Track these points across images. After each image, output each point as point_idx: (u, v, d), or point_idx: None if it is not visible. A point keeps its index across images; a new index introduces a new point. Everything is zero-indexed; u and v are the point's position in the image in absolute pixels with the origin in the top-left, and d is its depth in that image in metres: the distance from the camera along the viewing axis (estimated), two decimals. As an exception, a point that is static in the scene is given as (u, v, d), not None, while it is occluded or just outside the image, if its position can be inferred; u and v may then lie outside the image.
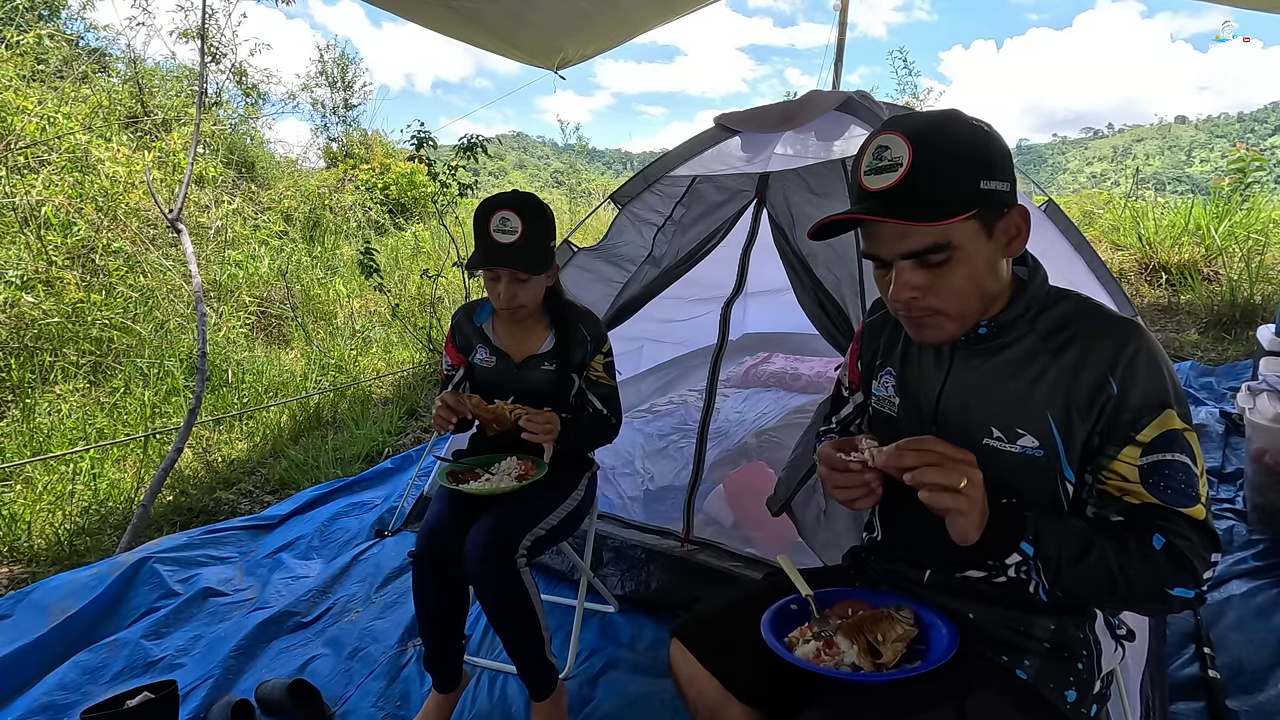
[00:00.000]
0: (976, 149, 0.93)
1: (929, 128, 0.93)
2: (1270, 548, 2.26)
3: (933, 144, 0.91)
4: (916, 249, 0.94)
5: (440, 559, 1.59)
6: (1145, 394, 0.92)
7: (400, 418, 4.09)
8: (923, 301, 0.97)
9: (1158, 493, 0.91)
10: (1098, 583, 0.89)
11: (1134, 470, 0.92)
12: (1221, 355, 4.39)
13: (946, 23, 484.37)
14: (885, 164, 0.93)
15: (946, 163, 0.91)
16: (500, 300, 1.68)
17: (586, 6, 3.13)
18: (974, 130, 0.94)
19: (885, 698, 0.94)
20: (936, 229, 0.92)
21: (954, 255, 0.93)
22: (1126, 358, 0.94)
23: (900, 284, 0.96)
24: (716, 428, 2.89)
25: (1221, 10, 3.27)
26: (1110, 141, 75.57)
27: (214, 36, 7.01)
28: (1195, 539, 0.89)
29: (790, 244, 2.05)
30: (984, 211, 0.93)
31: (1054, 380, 0.97)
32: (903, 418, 1.11)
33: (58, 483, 3.07)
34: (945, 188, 0.91)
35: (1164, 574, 0.88)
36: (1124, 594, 0.89)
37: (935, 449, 0.90)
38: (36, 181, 4.79)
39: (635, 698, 1.82)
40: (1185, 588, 0.88)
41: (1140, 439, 0.92)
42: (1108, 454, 0.94)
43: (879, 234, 0.96)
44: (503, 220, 1.63)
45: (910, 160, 0.91)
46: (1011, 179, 0.97)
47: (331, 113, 11.39)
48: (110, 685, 1.88)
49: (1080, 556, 0.89)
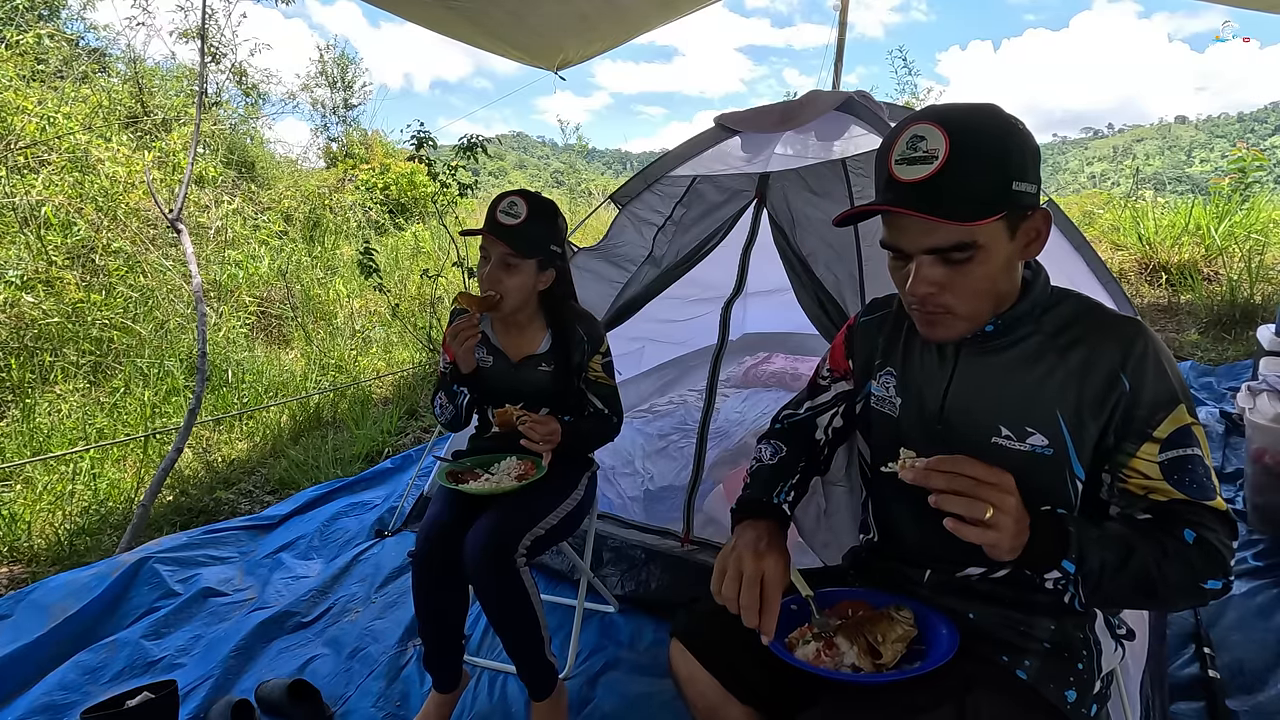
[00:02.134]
0: (1012, 149, 0.91)
1: (968, 121, 0.90)
2: (1270, 548, 2.26)
3: (970, 140, 0.88)
4: (941, 245, 0.92)
5: (440, 559, 1.59)
6: (1157, 391, 0.93)
7: (400, 418, 4.09)
8: (939, 298, 0.96)
9: (1183, 488, 0.92)
10: (1137, 587, 0.88)
11: (1155, 468, 0.93)
12: (1221, 355, 4.39)
13: (943, 23, 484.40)
14: (920, 155, 0.89)
15: (982, 161, 0.89)
16: (484, 280, 1.69)
17: (586, 8, 3.12)
18: (1011, 128, 0.92)
19: (885, 698, 0.94)
20: (965, 229, 0.90)
21: (977, 255, 0.92)
22: (1136, 355, 0.94)
23: (919, 279, 0.95)
24: (716, 428, 2.89)
25: (1218, 10, 3.26)
26: (1110, 141, 75.57)
27: (214, 36, 7.01)
28: (1220, 530, 0.91)
29: (790, 244, 2.05)
30: (1011, 213, 0.92)
31: (1063, 379, 0.97)
32: (904, 417, 1.11)
33: (58, 483, 3.07)
34: (979, 187, 0.89)
35: (1197, 569, 0.88)
36: (1162, 594, 0.89)
37: (966, 472, 0.85)
38: (36, 181, 4.79)
39: (635, 698, 1.82)
40: (1216, 579, 0.89)
41: (1157, 435, 0.93)
42: (1125, 451, 0.95)
43: (903, 226, 0.94)
44: (511, 204, 1.67)
45: (947, 154, 0.88)
46: (1039, 181, 0.95)
47: (331, 113, 11.40)
48: (110, 685, 1.88)
49: (1121, 565, 0.87)
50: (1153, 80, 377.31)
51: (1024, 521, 0.85)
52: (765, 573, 0.98)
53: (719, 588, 1.00)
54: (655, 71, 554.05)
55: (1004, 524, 0.83)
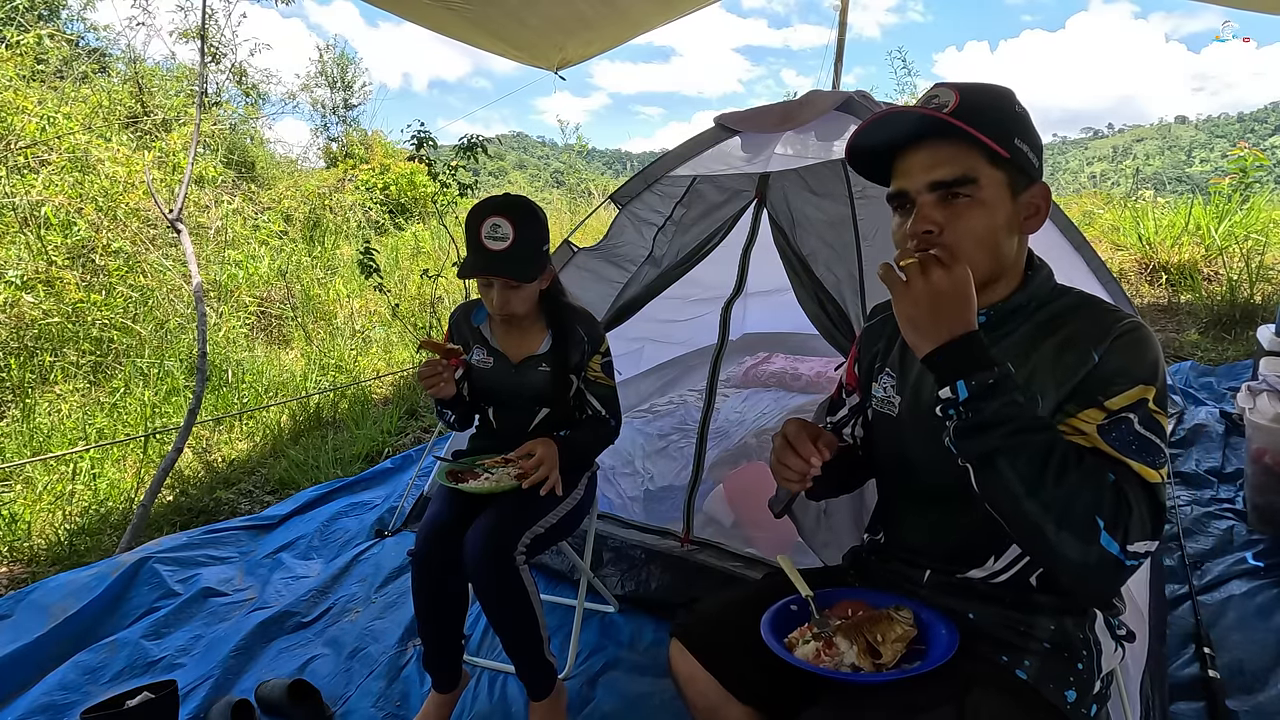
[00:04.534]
0: (1014, 113, 0.99)
1: (979, 87, 0.99)
2: (1270, 548, 2.26)
3: (978, 97, 0.97)
4: (945, 178, 0.96)
5: (439, 559, 1.59)
6: (1122, 368, 0.92)
7: (400, 418, 4.09)
8: (938, 238, 0.96)
9: (1113, 443, 0.89)
10: (1022, 469, 0.84)
11: (1092, 427, 0.91)
12: (1221, 355, 4.39)
13: (940, 24, 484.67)
14: (935, 103, 0.98)
15: (990, 111, 0.97)
16: (494, 307, 1.69)
17: (586, 8, 3.12)
18: (1016, 103, 1.01)
19: (885, 698, 0.94)
20: (968, 160, 0.95)
21: (978, 195, 0.96)
22: (1114, 334, 0.94)
23: (920, 217, 0.97)
24: (716, 428, 2.88)
25: (1215, 11, 3.26)
26: (1110, 141, 75.52)
27: (214, 36, 7.01)
28: (1143, 500, 0.86)
29: (790, 244, 2.05)
30: (1013, 169, 0.97)
31: (1051, 361, 0.97)
32: (904, 416, 1.12)
33: (58, 483, 3.07)
34: (987, 123, 0.95)
35: (1102, 504, 0.83)
36: (1048, 500, 0.83)
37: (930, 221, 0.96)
38: (36, 181, 4.80)
39: (635, 698, 1.82)
40: (1114, 539, 0.82)
41: (1108, 405, 0.91)
42: (1067, 411, 0.93)
43: (909, 166, 1.00)
44: (494, 226, 1.61)
45: (957, 101, 0.96)
46: (1040, 155, 1.01)
47: (331, 113, 11.41)
48: (110, 685, 1.88)
49: (1019, 430, 0.84)
50: (1150, 80, 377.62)
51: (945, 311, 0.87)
52: (809, 430, 1.04)
53: (778, 470, 1.05)
54: (653, 72, 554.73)
55: (918, 288, 0.89)
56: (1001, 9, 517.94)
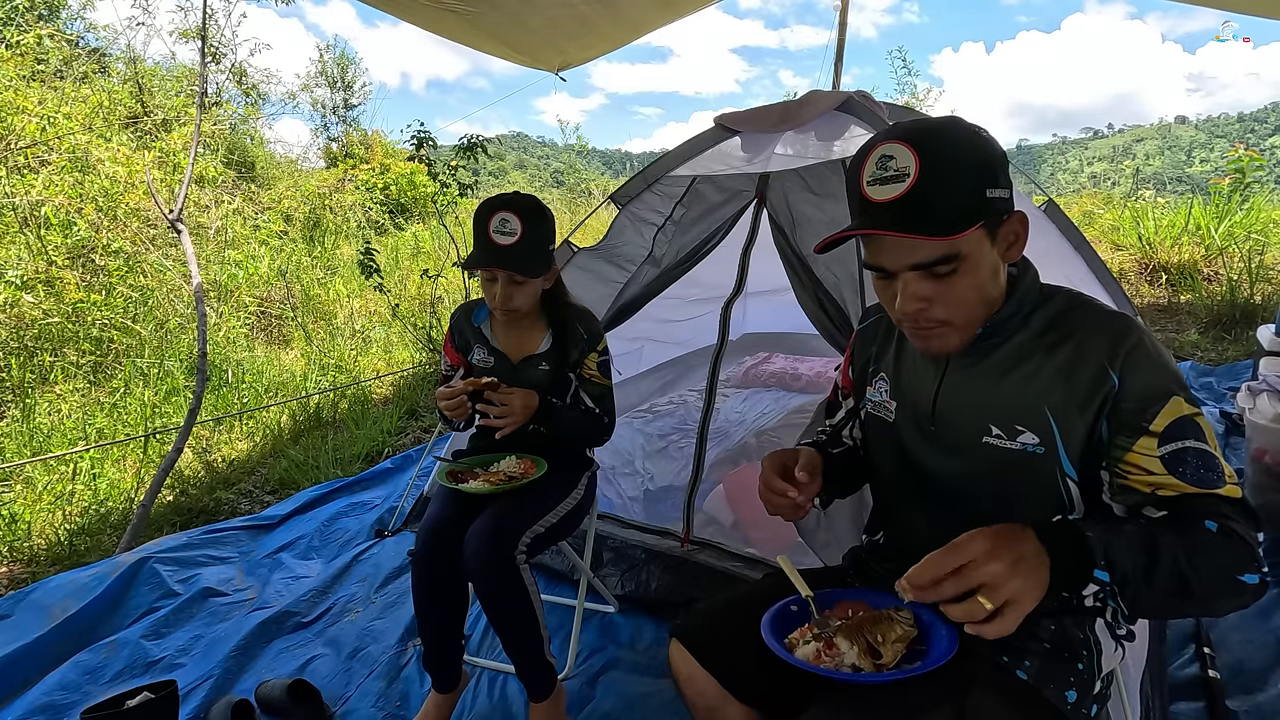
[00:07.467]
0: (981, 157, 0.92)
1: (933, 136, 0.90)
2: (1270, 548, 2.26)
3: (939, 153, 0.89)
4: (925, 261, 0.92)
5: (439, 559, 1.59)
6: (1148, 384, 0.91)
7: (400, 418, 4.09)
8: (930, 313, 0.96)
9: (1189, 479, 0.87)
10: (1172, 589, 0.81)
11: (1156, 462, 0.89)
12: (1221, 355, 4.39)
13: (936, 25, 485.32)
14: (891, 174, 0.90)
15: (954, 173, 0.89)
16: (495, 301, 1.68)
17: (586, 10, 3.12)
18: (975, 136, 0.93)
19: (885, 698, 0.94)
20: (947, 242, 0.90)
21: (962, 266, 0.92)
22: (1125, 349, 0.93)
23: (907, 296, 0.95)
24: (716, 428, 2.89)
25: (1211, 12, 3.27)
26: (1110, 141, 75.53)
27: (214, 36, 7.01)
28: (1241, 519, 0.85)
29: (790, 244, 2.05)
30: (989, 220, 0.92)
31: (1051, 375, 0.97)
32: (900, 421, 1.12)
33: (58, 483, 3.07)
34: (954, 198, 0.89)
35: (1227, 559, 0.82)
36: (1199, 593, 0.81)
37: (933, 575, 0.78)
38: (36, 181, 4.79)
39: (635, 698, 1.82)
40: (1250, 572, 0.82)
41: (1154, 429, 0.90)
42: (1120, 445, 0.92)
43: (884, 246, 0.94)
44: (502, 221, 1.62)
45: (918, 170, 0.88)
46: (1010, 185, 0.96)
47: (331, 113, 11.41)
48: (110, 685, 1.88)
49: (1151, 564, 0.80)
50: (1146, 80, 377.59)
51: (1024, 563, 0.76)
52: (784, 461, 1.06)
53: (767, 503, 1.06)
54: (651, 72, 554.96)
55: (1009, 591, 0.74)
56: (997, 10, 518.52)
